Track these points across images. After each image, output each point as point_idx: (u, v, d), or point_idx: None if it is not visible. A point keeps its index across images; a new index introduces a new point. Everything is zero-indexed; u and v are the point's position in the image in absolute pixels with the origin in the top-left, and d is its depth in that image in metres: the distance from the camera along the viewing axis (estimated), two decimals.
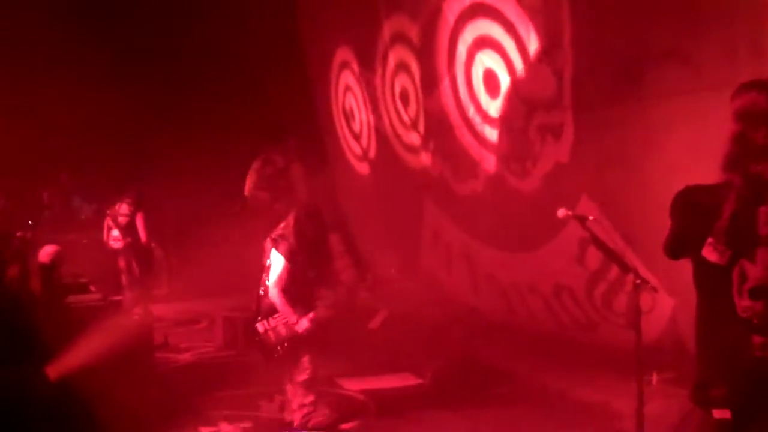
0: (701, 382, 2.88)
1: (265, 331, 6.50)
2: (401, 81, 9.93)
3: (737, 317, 2.74)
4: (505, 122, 8.06)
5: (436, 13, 8.78)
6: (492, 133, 8.31)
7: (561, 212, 5.03)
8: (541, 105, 7.51)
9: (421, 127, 9.71)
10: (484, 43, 8.12)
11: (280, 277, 6.36)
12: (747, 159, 2.79)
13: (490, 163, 8.45)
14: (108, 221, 10.76)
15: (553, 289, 7.84)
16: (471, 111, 8.56)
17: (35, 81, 12.01)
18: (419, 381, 7.79)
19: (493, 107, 8.20)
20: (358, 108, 11.04)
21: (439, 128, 9.21)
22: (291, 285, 6.37)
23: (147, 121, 12.48)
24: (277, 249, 6.40)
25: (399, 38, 9.76)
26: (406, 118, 10.00)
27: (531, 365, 7.62)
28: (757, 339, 2.74)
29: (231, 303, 9.95)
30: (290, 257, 6.36)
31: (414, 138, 9.90)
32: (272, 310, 6.45)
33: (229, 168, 11.68)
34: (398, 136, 10.24)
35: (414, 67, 9.62)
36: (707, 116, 2.96)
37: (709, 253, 2.77)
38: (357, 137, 11.27)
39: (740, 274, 2.75)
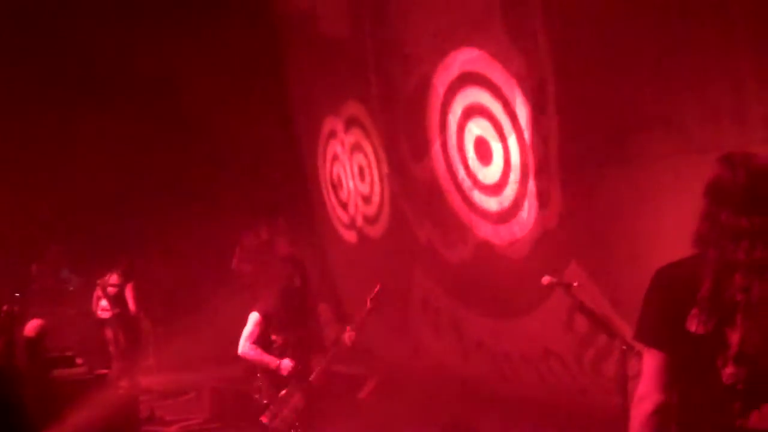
0: None
1: (271, 420, 6.19)
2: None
3: (720, 385, 2.74)
4: (494, 189, 8.08)
5: (425, 82, 8.87)
6: (482, 200, 8.33)
7: (545, 279, 5.05)
8: (529, 172, 7.53)
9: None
10: (473, 111, 8.19)
11: (251, 332, 6.12)
12: (716, 235, 2.81)
13: (479, 229, 8.44)
14: (98, 291, 10.72)
15: (543, 355, 7.78)
16: (461, 177, 8.59)
17: (23, 154, 12.05)
18: None
19: (483, 174, 8.23)
20: (345, 177, 11.10)
21: (429, 196, 9.23)
22: (267, 349, 6.12)
23: (138, 194, 12.49)
24: (252, 308, 6.20)
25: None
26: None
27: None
28: (737, 406, 2.73)
29: (219, 374, 9.87)
30: (265, 309, 6.13)
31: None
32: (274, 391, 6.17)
33: (219, 241, 11.70)
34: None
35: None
36: (693, 180, 2.97)
37: (693, 325, 2.77)
38: (344, 206, 11.31)
39: (723, 342, 2.74)
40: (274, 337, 6.15)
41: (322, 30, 10.76)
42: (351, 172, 10.95)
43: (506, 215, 8.00)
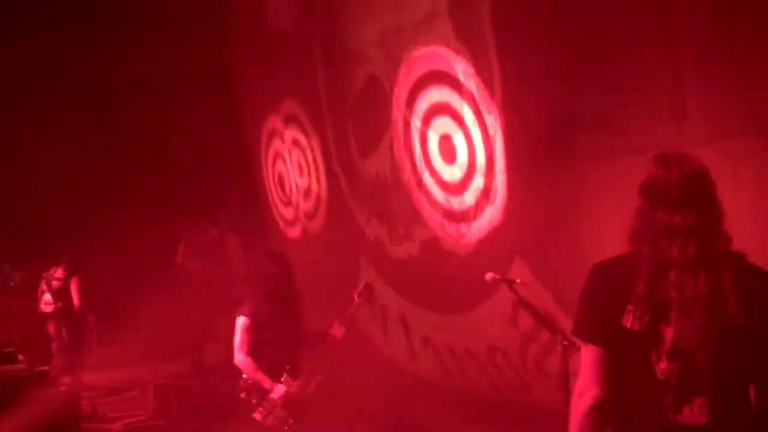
0: None
1: (265, 417, 6.01)
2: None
3: (654, 380, 2.80)
4: (444, 186, 8.13)
5: (373, 80, 8.89)
6: (430, 196, 8.37)
7: (489, 276, 5.11)
8: (475, 169, 7.60)
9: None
10: (425, 108, 8.23)
11: (242, 340, 5.97)
12: (650, 233, 2.86)
13: (426, 226, 8.49)
14: (42, 285, 10.55)
15: (487, 351, 7.85)
16: (407, 174, 8.63)
17: None
18: None
19: (431, 170, 8.28)
20: (288, 173, 11.13)
21: (375, 193, 9.26)
22: (257, 347, 5.98)
23: (82, 189, 12.33)
24: (238, 312, 6.02)
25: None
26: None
27: (467, 428, 7.59)
28: (669, 400, 2.79)
29: (162, 370, 9.79)
30: (252, 311, 5.97)
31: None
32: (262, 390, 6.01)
33: (165, 236, 11.60)
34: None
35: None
36: (633, 179, 3.03)
37: (629, 321, 2.81)
38: (287, 202, 11.32)
39: (657, 337, 2.80)
40: (263, 336, 6.04)
41: (269, 25, 10.73)
42: (291, 169, 10.98)
43: (453, 212, 8.06)
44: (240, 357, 5.98)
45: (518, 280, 5.08)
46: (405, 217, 8.79)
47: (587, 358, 2.92)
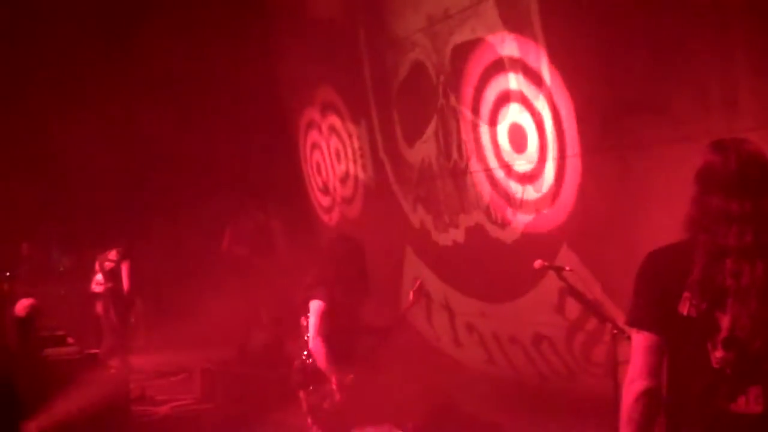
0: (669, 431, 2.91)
1: (315, 399, 5.73)
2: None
3: (709, 369, 2.78)
4: (487, 173, 8.10)
5: (419, 67, 8.86)
6: (475, 185, 8.35)
7: (537, 263, 5.09)
8: (524, 156, 7.56)
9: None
10: (472, 95, 8.18)
11: (319, 325, 5.62)
12: (706, 220, 2.84)
13: (471, 213, 8.47)
14: (95, 266, 10.73)
15: (533, 340, 7.83)
16: (453, 161, 8.61)
17: (16, 133, 12.03)
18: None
19: (478, 157, 8.25)
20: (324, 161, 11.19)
21: (420, 179, 9.26)
22: (334, 332, 5.67)
23: (133, 176, 12.49)
24: (312, 296, 5.71)
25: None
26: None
27: (511, 415, 7.58)
28: (724, 389, 2.77)
29: (210, 355, 9.89)
30: (327, 295, 5.67)
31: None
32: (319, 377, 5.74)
33: (212, 223, 11.71)
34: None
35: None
36: (684, 167, 3.01)
37: (685, 308, 2.79)
38: (325, 191, 11.41)
39: (713, 325, 2.77)
40: (337, 321, 5.88)
41: (312, 13, 10.75)
42: (329, 156, 11.05)
43: (499, 199, 8.04)
44: (318, 341, 5.71)
45: (567, 268, 5.05)
46: (451, 204, 8.78)
47: (640, 345, 2.90)
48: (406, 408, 7.94)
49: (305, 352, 5.74)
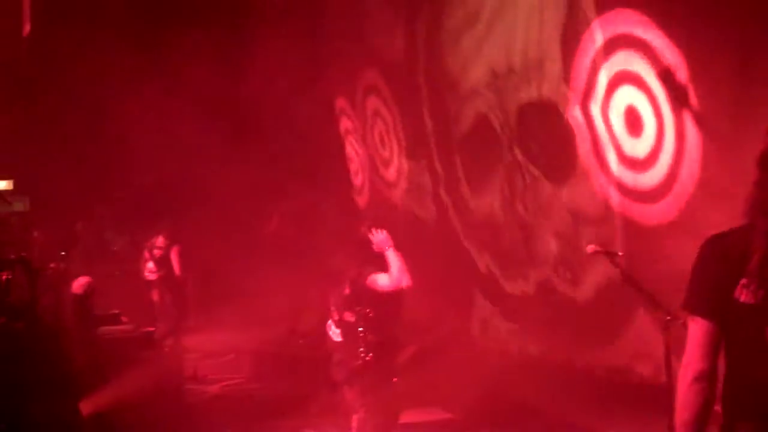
0: (728, 422, 2.86)
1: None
2: None
3: (766, 355, 2.75)
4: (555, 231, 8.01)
5: None
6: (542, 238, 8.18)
7: (590, 248, 5.06)
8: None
9: None
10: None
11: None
12: (766, 205, 2.80)
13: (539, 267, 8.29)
14: (145, 253, 10.88)
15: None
16: (519, 214, 8.51)
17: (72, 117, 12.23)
18: (449, 415, 7.77)
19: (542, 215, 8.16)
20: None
21: (484, 225, 9.14)
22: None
23: (183, 158, 12.61)
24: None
25: None
26: None
27: (561, 402, 7.56)
28: None
29: (259, 336, 10.00)
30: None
31: None
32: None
33: (261, 205, 11.80)
34: None
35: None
36: None
37: (743, 294, 2.76)
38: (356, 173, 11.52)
39: None
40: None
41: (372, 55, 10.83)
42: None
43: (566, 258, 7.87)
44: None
45: (620, 253, 5.04)
46: (517, 255, 8.61)
47: (696, 332, 2.88)
48: (455, 391, 8.01)
49: (361, 348, 5.80)
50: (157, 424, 6.92)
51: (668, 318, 4.67)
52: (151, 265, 10.76)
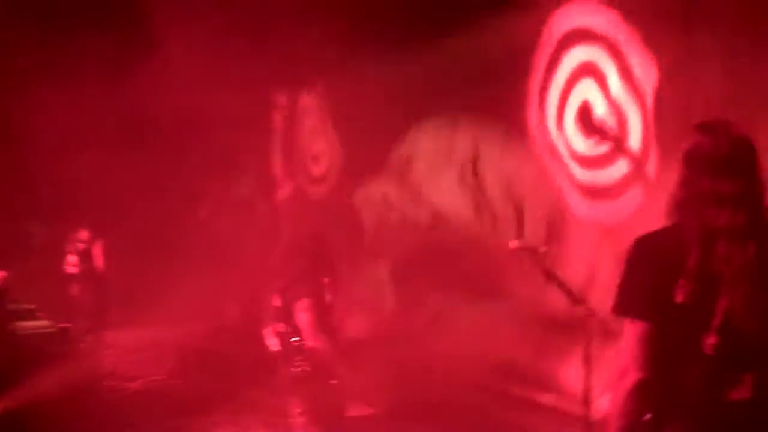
0: (657, 422, 2.87)
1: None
2: None
3: (703, 356, 2.76)
4: None
5: None
6: None
7: (512, 244, 5.07)
8: None
9: None
10: None
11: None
12: (697, 202, 2.83)
13: None
14: (68, 247, 10.65)
15: None
16: None
17: None
18: (371, 410, 7.73)
19: None
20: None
21: None
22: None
23: (105, 148, 12.34)
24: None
25: None
26: None
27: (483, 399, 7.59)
28: (717, 376, 2.76)
29: (183, 331, 9.85)
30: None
31: None
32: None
33: (188, 196, 11.64)
34: None
35: None
36: None
37: (680, 295, 2.76)
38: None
39: (707, 312, 2.76)
40: None
41: None
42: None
43: None
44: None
45: (543, 249, 5.03)
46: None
47: (632, 334, 2.85)
48: (379, 386, 7.98)
49: (298, 359, 5.72)
50: (73, 422, 6.74)
51: (588, 314, 4.69)
52: (73, 258, 10.53)
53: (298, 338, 5.69)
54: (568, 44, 7.32)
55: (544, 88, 7.59)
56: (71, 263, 10.54)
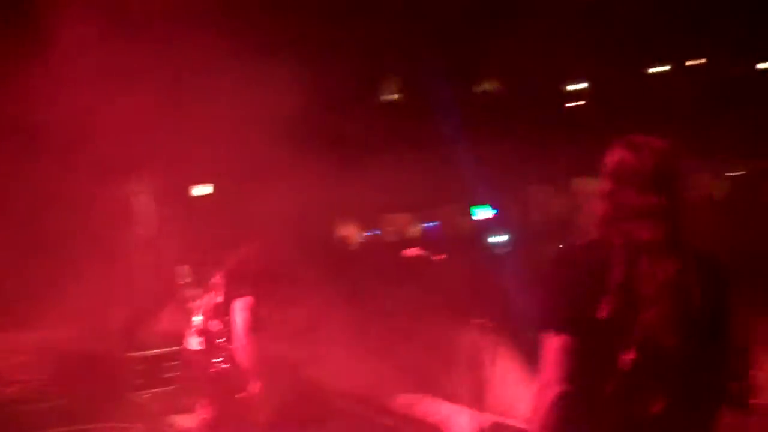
0: None
1: None
2: None
3: (620, 372, 2.77)
4: None
5: None
6: None
7: (410, 251, 5.11)
8: None
9: None
10: None
11: (250, 320, 5.93)
12: (621, 216, 2.86)
13: None
14: None
15: None
16: None
17: None
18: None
19: None
20: None
21: None
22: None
23: None
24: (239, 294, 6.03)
25: None
26: None
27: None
28: (632, 392, 2.77)
29: (61, 335, 9.57)
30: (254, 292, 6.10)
31: None
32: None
33: (67, 196, 11.31)
34: None
35: None
36: None
37: (603, 311, 2.76)
38: None
39: (628, 327, 2.76)
40: None
41: None
42: None
43: None
44: (248, 339, 5.81)
45: (439, 257, 5.08)
46: None
47: (554, 348, 2.83)
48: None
49: (219, 358, 5.66)
50: None
51: (477, 322, 4.75)
52: None
53: (224, 339, 5.67)
54: None
55: None
56: None
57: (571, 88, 16.76)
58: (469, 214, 15.05)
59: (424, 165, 13.31)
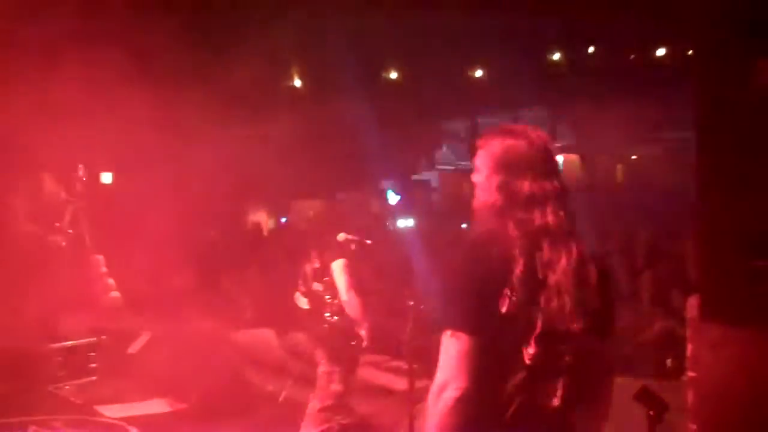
0: None
1: None
2: None
3: (522, 366, 2.73)
4: None
5: None
6: None
7: (341, 236, 5.20)
8: None
9: None
10: None
11: (350, 280, 6.43)
12: (516, 205, 2.83)
13: None
14: None
15: None
16: None
17: None
18: (183, 406, 7.68)
19: None
20: None
21: None
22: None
23: None
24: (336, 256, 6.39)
25: None
26: None
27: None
28: (533, 385, 2.74)
29: None
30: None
31: None
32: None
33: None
34: None
35: None
36: None
37: (504, 305, 2.70)
38: None
39: (528, 321, 2.73)
40: None
41: None
42: None
43: None
44: (351, 294, 6.48)
45: (369, 241, 5.15)
46: None
47: (455, 348, 2.74)
48: (189, 379, 7.91)
49: (327, 313, 6.35)
50: None
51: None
52: None
53: (329, 297, 6.36)
54: None
55: None
56: None
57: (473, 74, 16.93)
58: (384, 199, 15.20)
59: (333, 152, 13.37)
